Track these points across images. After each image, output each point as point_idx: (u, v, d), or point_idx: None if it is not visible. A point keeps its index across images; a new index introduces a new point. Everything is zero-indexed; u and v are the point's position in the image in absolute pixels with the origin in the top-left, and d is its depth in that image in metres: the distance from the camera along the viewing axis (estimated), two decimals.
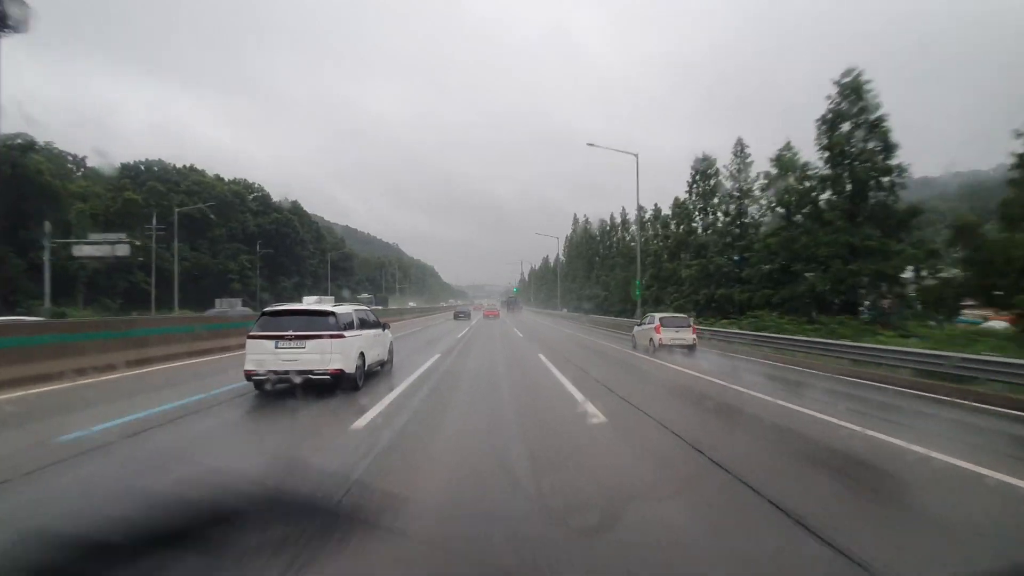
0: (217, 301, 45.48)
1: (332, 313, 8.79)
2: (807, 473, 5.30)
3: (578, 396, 8.90)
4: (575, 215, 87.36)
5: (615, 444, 6.24)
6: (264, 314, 8.98)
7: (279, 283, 72.43)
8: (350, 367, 8.60)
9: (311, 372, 8.28)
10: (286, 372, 8.28)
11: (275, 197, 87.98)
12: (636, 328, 20.28)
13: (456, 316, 45.59)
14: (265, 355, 8.30)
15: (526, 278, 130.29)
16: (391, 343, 11.73)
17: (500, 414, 7.64)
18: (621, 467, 5.27)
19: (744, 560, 3.21)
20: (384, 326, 11.24)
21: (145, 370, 10.97)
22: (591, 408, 7.77)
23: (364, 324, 9.79)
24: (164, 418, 6.79)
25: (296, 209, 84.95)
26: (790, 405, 8.54)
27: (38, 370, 9.23)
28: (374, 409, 7.27)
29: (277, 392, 8.43)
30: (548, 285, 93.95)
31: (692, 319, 19.11)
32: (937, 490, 4.84)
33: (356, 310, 9.93)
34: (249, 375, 8.30)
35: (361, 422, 6.51)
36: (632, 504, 4.05)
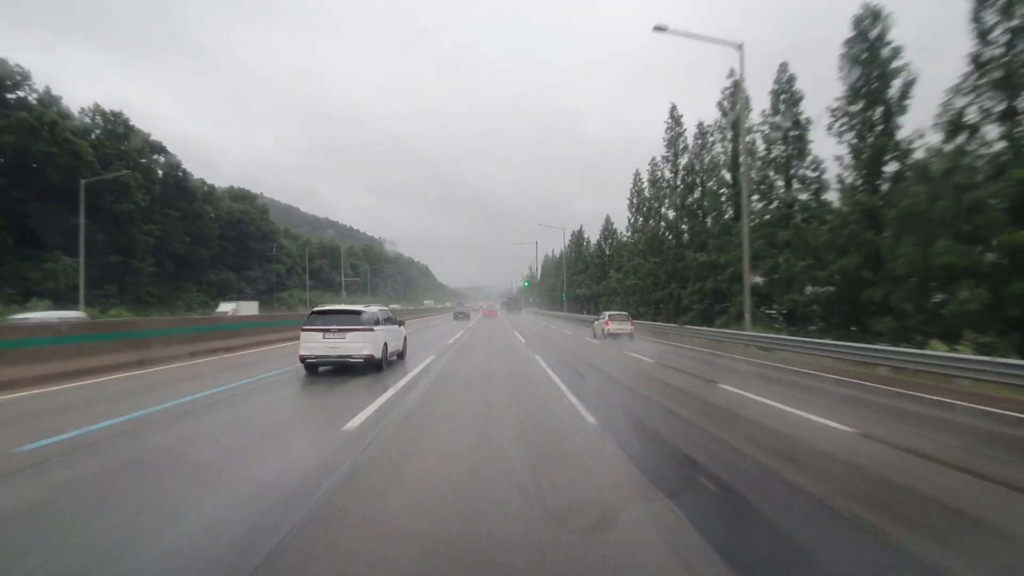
0: None
1: (364, 311, 11.61)
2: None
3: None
4: (673, 107, 35.65)
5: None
6: (313, 313, 11.72)
7: (44, 258, 38.03)
8: (378, 353, 11.38)
9: (349, 356, 11.05)
10: (330, 356, 11.07)
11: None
12: (595, 322, 27.34)
13: (456, 316, 48.32)
14: (315, 343, 11.05)
15: (536, 272, 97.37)
16: (405, 337, 14.52)
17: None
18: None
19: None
20: (400, 323, 14.04)
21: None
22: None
23: (387, 321, 12.62)
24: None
25: (116, 127, 48.20)
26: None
27: None
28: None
29: (320, 373, 11.22)
30: (591, 275, 59.71)
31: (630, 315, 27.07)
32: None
33: (380, 310, 12.75)
34: (303, 358, 11.03)
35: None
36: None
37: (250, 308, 44.90)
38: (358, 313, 11.61)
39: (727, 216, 28.99)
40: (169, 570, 3.10)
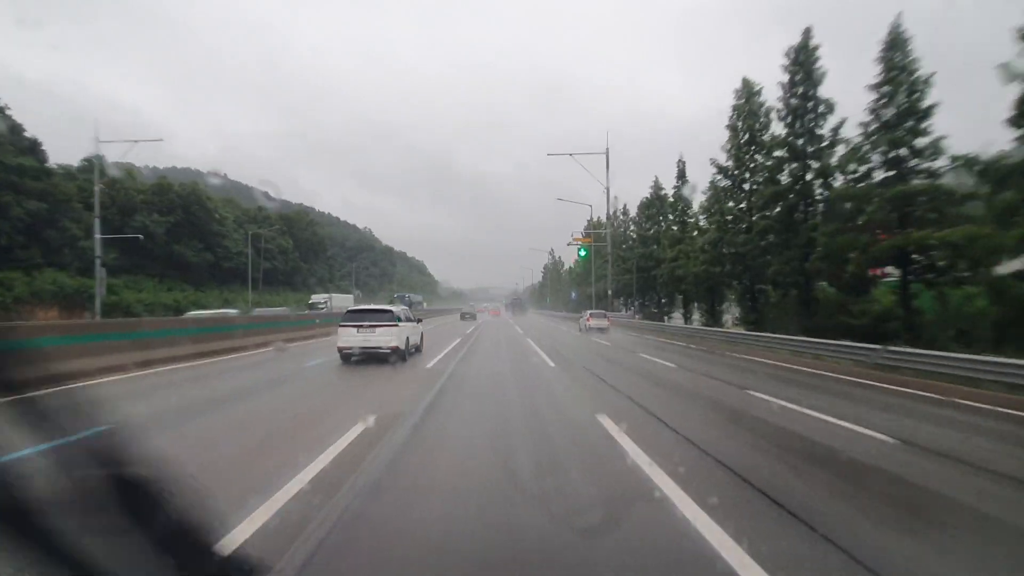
0: None
1: (391, 311, 13.82)
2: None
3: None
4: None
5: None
6: (348, 312, 13.89)
7: None
8: (402, 345, 13.59)
9: (378, 348, 13.22)
10: (362, 347, 13.25)
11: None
12: (580, 319, 34.99)
13: (463, 316, 50.40)
14: (351, 337, 13.22)
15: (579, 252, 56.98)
16: (422, 333, 16.76)
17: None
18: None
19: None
20: (418, 321, 16.28)
21: None
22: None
23: (408, 319, 14.85)
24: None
25: None
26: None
27: None
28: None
29: (354, 362, 13.40)
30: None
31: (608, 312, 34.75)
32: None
33: (403, 309, 15.00)
34: (340, 349, 13.24)
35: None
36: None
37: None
38: (386, 312, 13.86)
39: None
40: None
